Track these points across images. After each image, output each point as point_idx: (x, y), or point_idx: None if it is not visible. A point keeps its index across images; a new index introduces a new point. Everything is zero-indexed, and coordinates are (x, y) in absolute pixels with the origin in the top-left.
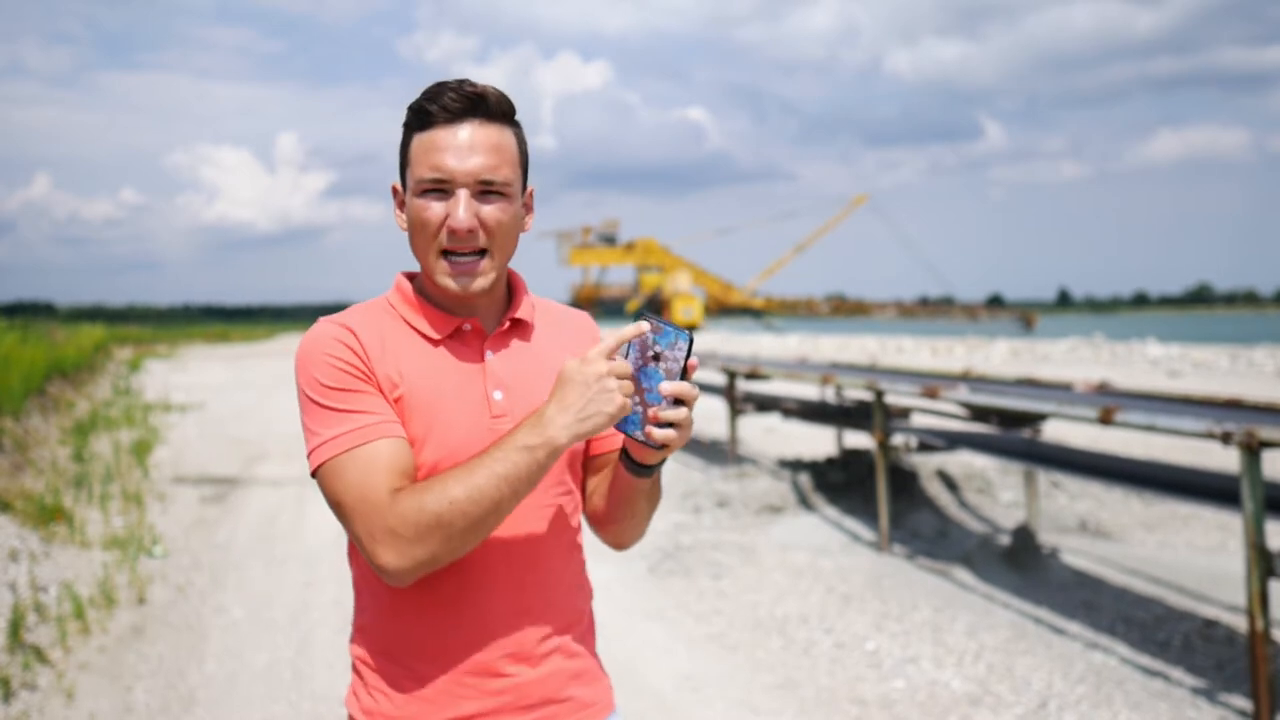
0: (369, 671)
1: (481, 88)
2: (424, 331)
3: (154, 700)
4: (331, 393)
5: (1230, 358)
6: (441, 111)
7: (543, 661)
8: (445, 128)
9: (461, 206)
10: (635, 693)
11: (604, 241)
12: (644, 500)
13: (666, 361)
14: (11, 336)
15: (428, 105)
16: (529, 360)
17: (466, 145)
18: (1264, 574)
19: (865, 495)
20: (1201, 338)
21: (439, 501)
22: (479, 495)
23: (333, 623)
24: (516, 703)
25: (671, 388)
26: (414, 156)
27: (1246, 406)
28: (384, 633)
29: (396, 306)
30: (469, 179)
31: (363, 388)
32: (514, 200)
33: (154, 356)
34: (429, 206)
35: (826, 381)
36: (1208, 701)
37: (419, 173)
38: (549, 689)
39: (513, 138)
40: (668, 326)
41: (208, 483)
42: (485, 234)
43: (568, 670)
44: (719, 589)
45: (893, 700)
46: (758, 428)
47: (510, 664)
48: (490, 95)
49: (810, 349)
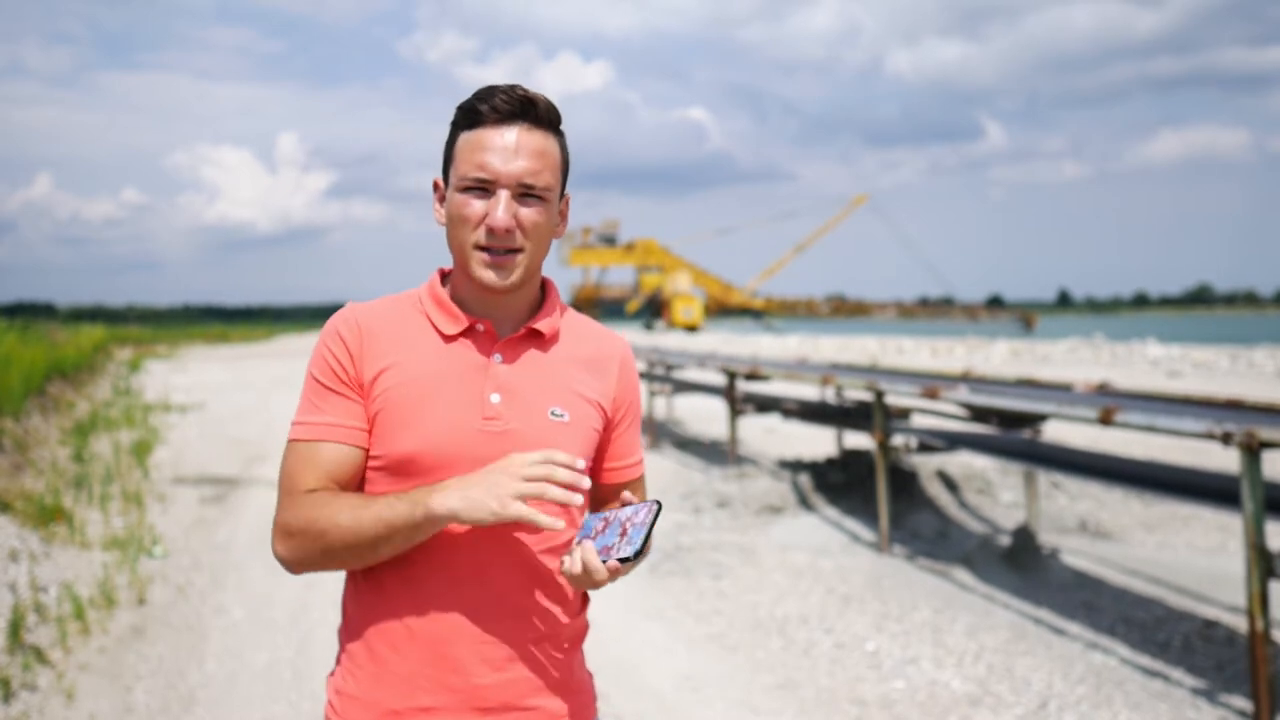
0: (344, 653)
1: (532, 94)
2: (439, 327)
3: (154, 700)
4: (314, 383)
5: (1230, 358)
6: (491, 112)
7: (507, 666)
8: (493, 128)
9: (501, 207)
10: (635, 693)
11: (604, 242)
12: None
13: (620, 540)
14: (11, 337)
15: (478, 105)
16: (538, 371)
17: (512, 148)
18: (1264, 574)
19: (865, 495)
20: (1202, 338)
21: (326, 519)
22: (358, 528)
23: (333, 622)
24: (473, 703)
25: (588, 554)
26: (459, 153)
27: (1247, 407)
28: (359, 617)
29: (423, 300)
30: (511, 181)
31: (337, 387)
32: (551, 205)
33: (154, 357)
34: (470, 203)
35: (826, 382)
36: (1208, 702)
37: (463, 170)
38: (510, 695)
39: (556, 146)
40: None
41: (208, 483)
42: (521, 234)
43: (535, 680)
44: (719, 589)
45: (893, 700)
46: (758, 428)
47: (472, 664)
48: (540, 102)
49: (810, 349)
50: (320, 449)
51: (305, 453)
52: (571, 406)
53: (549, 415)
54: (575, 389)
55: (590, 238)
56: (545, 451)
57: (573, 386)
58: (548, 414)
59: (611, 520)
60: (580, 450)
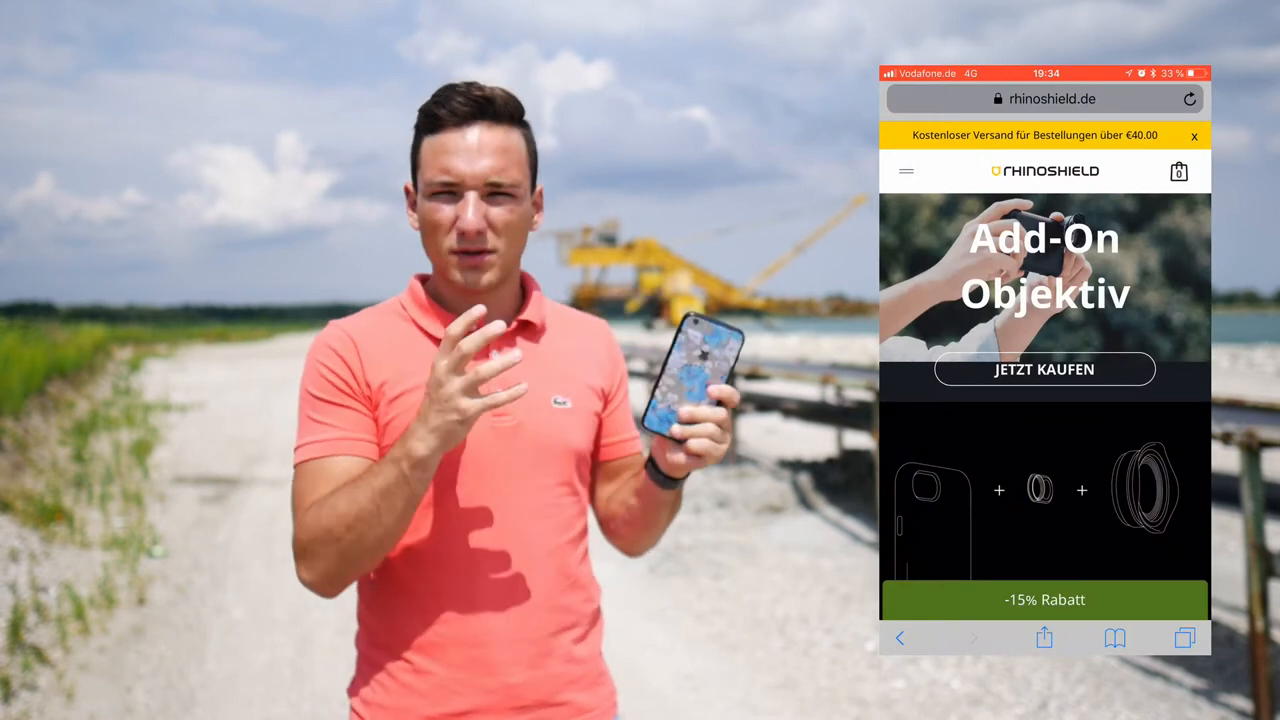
0: (367, 662)
1: (489, 90)
2: (431, 332)
3: (154, 700)
4: (314, 401)
5: (1230, 358)
6: (450, 115)
7: (540, 663)
8: (453, 131)
9: (470, 209)
10: (635, 693)
11: (604, 241)
12: (665, 512)
13: (714, 360)
14: (11, 336)
15: (436, 109)
16: (535, 361)
17: (474, 148)
18: (1264, 574)
19: (865, 495)
20: None
21: (329, 516)
22: (357, 509)
23: (333, 622)
24: (510, 702)
25: (717, 390)
26: (424, 159)
27: (1246, 406)
28: (381, 624)
29: (408, 308)
30: (477, 181)
31: (343, 400)
32: (522, 200)
33: (154, 356)
34: (439, 209)
35: (826, 381)
36: (1208, 701)
37: (429, 176)
38: (545, 691)
39: (520, 139)
40: (719, 326)
41: (208, 483)
42: (493, 234)
43: (566, 674)
44: (719, 589)
45: (893, 700)
46: (758, 428)
47: (505, 663)
48: (498, 98)
49: (810, 349)
50: (331, 464)
51: (315, 470)
52: (572, 392)
53: (552, 404)
54: (572, 375)
55: (590, 237)
56: (446, 339)
57: (570, 373)
58: (551, 403)
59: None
60: (584, 434)
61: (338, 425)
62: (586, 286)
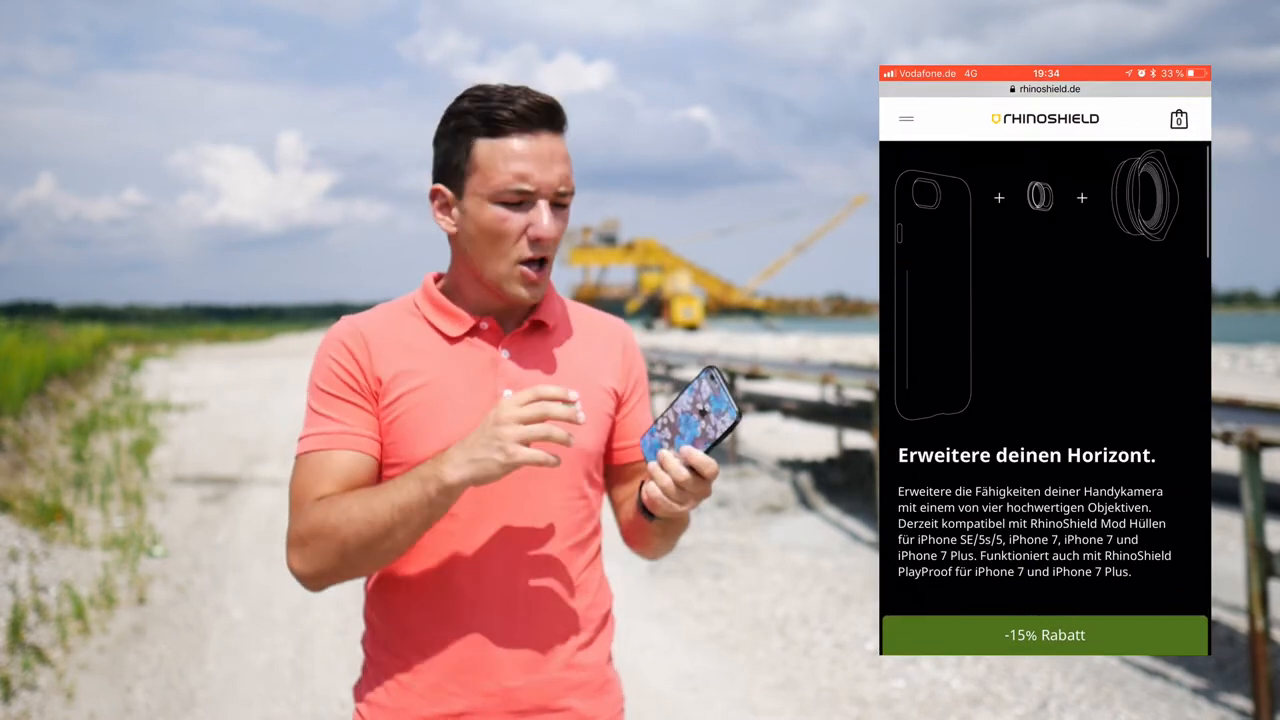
0: (371, 662)
1: (550, 98)
2: (442, 330)
3: (154, 700)
4: (321, 394)
5: (1230, 358)
6: (519, 120)
7: (539, 668)
8: (524, 136)
9: (546, 217)
10: (635, 693)
11: (604, 241)
12: (655, 537)
13: (706, 424)
14: (11, 336)
15: (500, 111)
16: (546, 361)
17: (548, 156)
18: (1264, 574)
19: (865, 495)
20: None
21: (339, 516)
22: (372, 517)
23: (333, 622)
24: (507, 706)
25: (690, 454)
26: (486, 163)
27: (1246, 406)
28: (385, 625)
29: (420, 305)
30: (550, 190)
31: (348, 395)
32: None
33: (154, 356)
34: (510, 217)
35: (826, 381)
36: (1208, 701)
37: (500, 181)
38: (544, 696)
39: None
40: (724, 396)
41: (208, 483)
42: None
43: (567, 680)
44: (719, 589)
45: (893, 700)
46: (758, 428)
47: (504, 666)
48: (559, 105)
49: (810, 349)
50: (333, 457)
51: (317, 463)
52: (585, 394)
53: None
54: (586, 376)
55: (590, 237)
56: (533, 389)
57: (583, 373)
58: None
59: (674, 419)
60: (595, 437)
61: (342, 420)
62: (587, 286)
